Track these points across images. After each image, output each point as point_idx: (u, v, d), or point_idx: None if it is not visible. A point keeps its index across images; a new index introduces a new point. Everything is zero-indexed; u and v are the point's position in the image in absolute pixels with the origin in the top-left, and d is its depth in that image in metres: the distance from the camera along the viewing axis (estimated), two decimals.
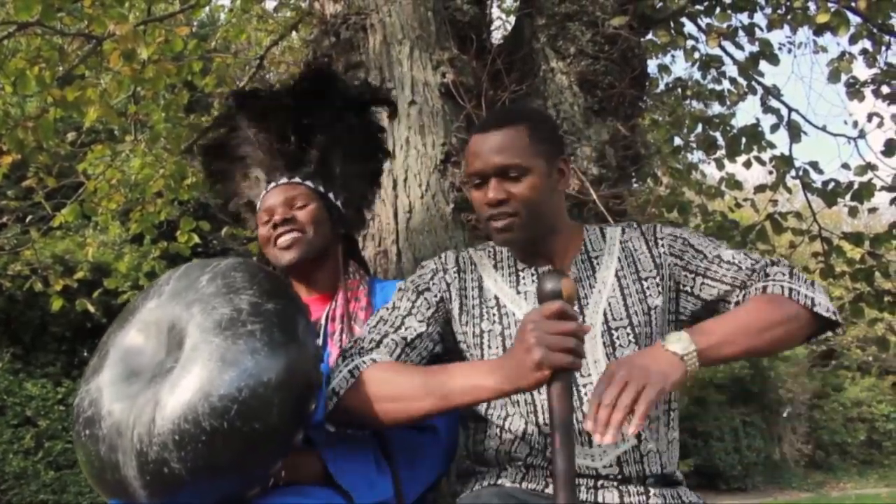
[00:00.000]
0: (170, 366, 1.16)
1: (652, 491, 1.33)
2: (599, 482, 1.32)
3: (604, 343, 1.37)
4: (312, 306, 1.57)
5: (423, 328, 1.40)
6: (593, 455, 1.31)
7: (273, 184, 1.66)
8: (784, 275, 1.37)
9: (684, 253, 1.45)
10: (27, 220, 5.02)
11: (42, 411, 8.16)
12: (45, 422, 8.10)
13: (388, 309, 1.45)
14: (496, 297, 1.44)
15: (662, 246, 1.46)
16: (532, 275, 1.45)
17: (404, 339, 1.38)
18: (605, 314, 1.39)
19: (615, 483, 1.32)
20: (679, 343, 1.19)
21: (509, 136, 1.39)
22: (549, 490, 1.31)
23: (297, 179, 1.66)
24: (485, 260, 1.51)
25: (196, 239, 4.48)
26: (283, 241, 1.58)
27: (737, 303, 1.39)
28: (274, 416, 1.14)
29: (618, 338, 1.37)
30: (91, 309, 4.59)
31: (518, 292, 1.44)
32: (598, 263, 1.46)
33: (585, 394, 1.33)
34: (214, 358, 1.13)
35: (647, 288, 1.42)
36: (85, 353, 8.77)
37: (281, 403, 1.15)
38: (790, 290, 1.33)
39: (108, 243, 6.32)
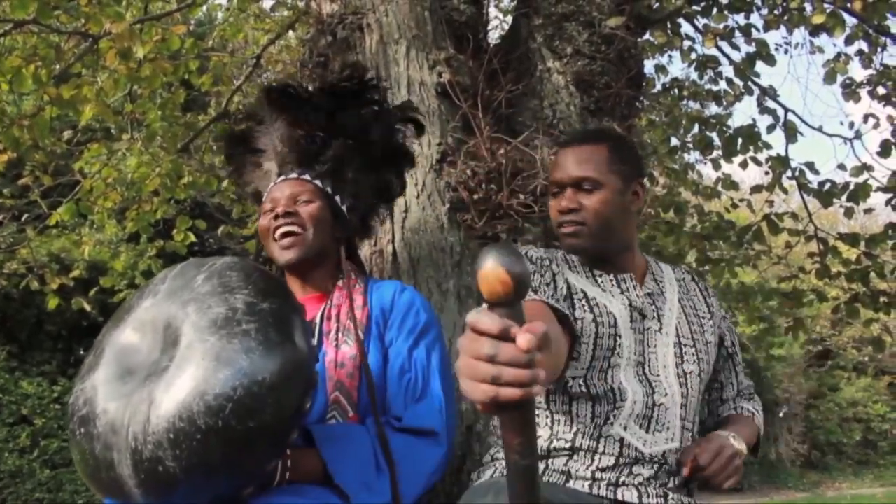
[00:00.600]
0: (165, 365, 1.17)
1: (670, 496, 1.39)
2: (620, 480, 1.38)
3: (675, 353, 1.49)
4: (308, 305, 1.57)
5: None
6: (645, 441, 1.41)
7: (282, 177, 1.66)
8: (760, 409, 1.66)
9: (727, 321, 1.67)
10: (23, 218, 5.02)
11: (38, 410, 8.14)
12: (41, 420, 8.08)
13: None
14: (583, 291, 1.51)
15: (713, 299, 1.64)
16: (610, 280, 1.53)
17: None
18: (676, 329, 1.52)
19: (635, 483, 1.38)
20: (742, 445, 1.45)
21: (589, 152, 1.51)
22: (570, 484, 1.39)
23: (306, 176, 1.65)
24: (560, 261, 1.57)
25: (192, 238, 4.48)
26: (282, 237, 1.57)
27: (725, 398, 1.66)
28: (268, 416, 1.14)
29: (685, 353, 1.50)
30: (87, 307, 4.59)
31: (603, 290, 1.52)
32: (663, 286, 1.58)
33: (656, 384, 1.45)
34: (209, 357, 1.13)
35: (704, 324, 1.57)
36: (81, 352, 8.75)
37: (276, 403, 1.15)
38: (761, 426, 1.64)
39: (105, 242, 6.31)
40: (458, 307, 2.05)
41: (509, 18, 3.69)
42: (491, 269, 0.72)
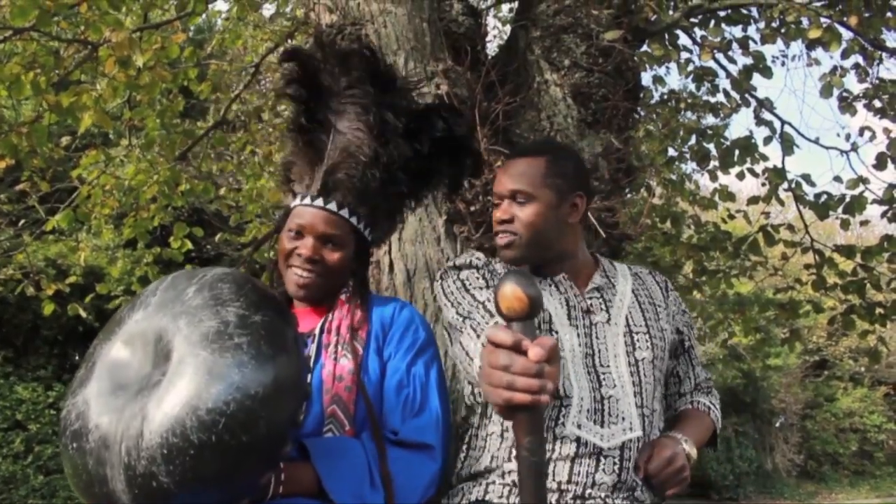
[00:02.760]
0: (157, 379, 1.16)
1: None
2: (586, 493, 1.39)
3: (625, 342, 1.52)
4: (310, 317, 1.58)
5: None
6: (602, 435, 1.42)
7: (322, 200, 1.53)
8: (717, 403, 1.69)
9: (685, 315, 1.69)
10: (20, 223, 5.01)
11: (32, 415, 8.12)
12: (35, 426, 8.06)
13: (475, 300, 1.52)
14: None
15: (671, 295, 1.67)
16: (548, 282, 1.58)
17: None
18: (627, 318, 1.55)
19: (601, 496, 1.39)
20: (693, 449, 1.49)
21: (527, 165, 1.56)
22: None
23: (345, 212, 1.53)
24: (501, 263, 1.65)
25: (189, 245, 4.47)
26: (298, 276, 1.53)
27: (683, 392, 1.69)
28: (262, 429, 1.14)
29: (637, 341, 1.53)
30: (83, 314, 4.58)
31: (544, 289, 1.57)
32: (614, 280, 1.62)
33: (604, 377, 1.47)
34: (202, 371, 1.13)
35: (658, 312, 1.60)
36: (76, 357, 8.73)
37: (268, 416, 1.15)
38: (718, 419, 1.68)
39: (102, 247, 6.31)
40: None
41: (507, 30, 3.70)
42: (510, 290, 0.89)
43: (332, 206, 1.53)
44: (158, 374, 1.17)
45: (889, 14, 3.27)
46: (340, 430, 1.46)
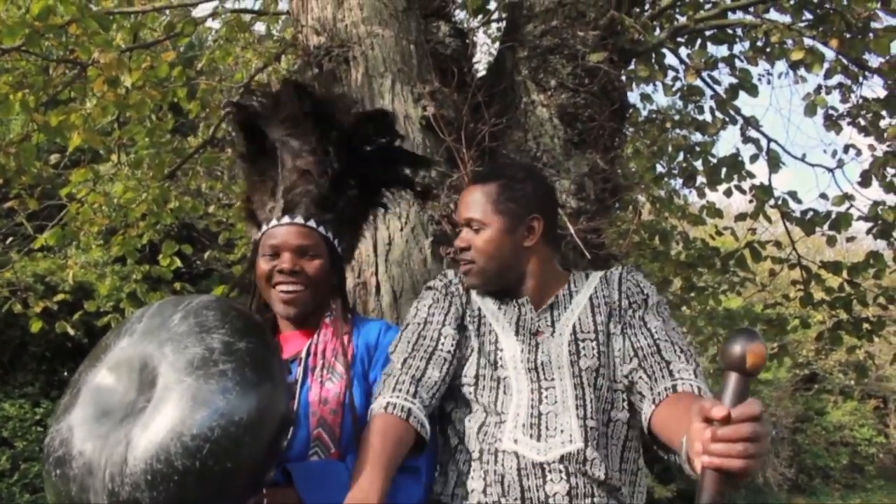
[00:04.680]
0: (142, 405, 1.17)
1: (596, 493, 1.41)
2: (549, 502, 1.39)
3: (569, 351, 1.50)
4: (296, 339, 1.59)
5: (457, 335, 1.55)
6: (538, 449, 1.42)
7: (288, 218, 1.59)
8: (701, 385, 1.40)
9: (634, 297, 1.56)
10: (8, 240, 4.99)
11: (19, 432, 8.03)
12: (22, 443, 7.98)
13: (420, 324, 1.56)
14: (479, 309, 1.60)
15: (625, 284, 1.59)
16: (513, 305, 1.58)
17: (449, 352, 1.52)
18: (574, 326, 1.53)
19: (563, 475, 1.40)
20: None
21: (480, 193, 1.58)
22: None
23: (312, 223, 1.59)
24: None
25: (178, 262, 4.46)
26: (284, 293, 1.55)
27: (673, 372, 1.41)
28: (245, 456, 1.15)
29: (583, 348, 1.51)
30: (71, 331, 4.55)
31: (499, 308, 1.59)
32: (576, 292, 1.60)
33: (546, 392, 1.46)
34: (186, 398, 1.13)
35: (612, 314, 1.56)
36: (65, 373, 8.65)
37: (252, 442, 1.16)
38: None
39: (91, 264, 6.28)
40: None
41: (495, 49, 3.73)
42: (760, 347, 1.02)
43: (299, 219, 1.59)
44: (143, 401, 1.18)
45: (870, 35, 3.32)
46: (326, 452, 1.47)
